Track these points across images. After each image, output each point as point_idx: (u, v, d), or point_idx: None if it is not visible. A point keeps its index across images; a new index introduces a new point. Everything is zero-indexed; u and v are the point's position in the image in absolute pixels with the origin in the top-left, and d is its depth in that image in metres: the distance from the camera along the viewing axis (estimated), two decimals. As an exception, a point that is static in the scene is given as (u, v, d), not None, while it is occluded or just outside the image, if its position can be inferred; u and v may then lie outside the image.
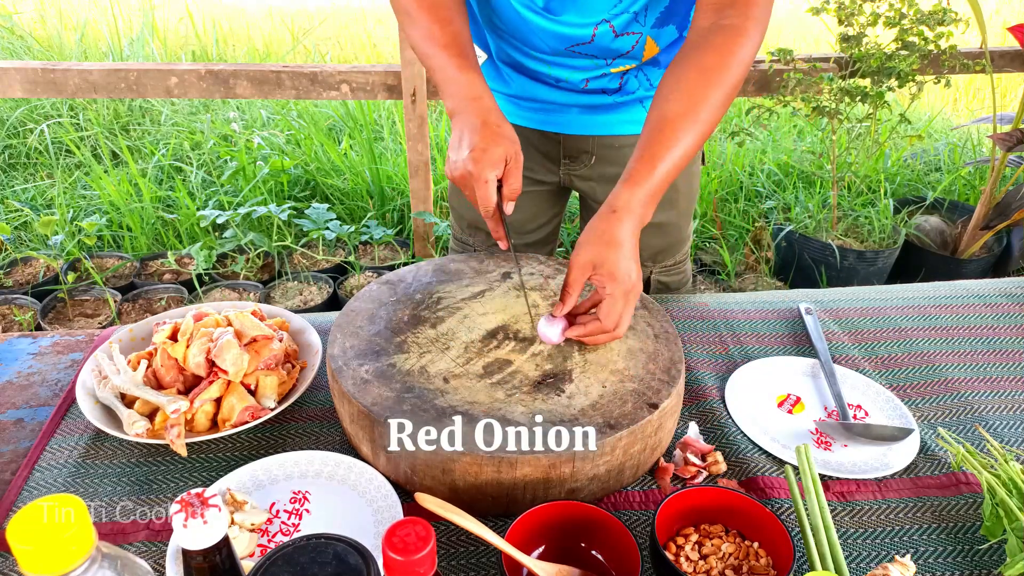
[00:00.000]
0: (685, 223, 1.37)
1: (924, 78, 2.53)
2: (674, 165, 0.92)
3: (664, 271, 1.38)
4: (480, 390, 0.86)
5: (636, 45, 1.09)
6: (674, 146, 0.91)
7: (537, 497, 0.81)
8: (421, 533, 0.48)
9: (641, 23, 1.06)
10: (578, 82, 1.17)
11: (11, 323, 2.42)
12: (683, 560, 0.76)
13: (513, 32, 1.14)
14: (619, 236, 0.90)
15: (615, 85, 1.18)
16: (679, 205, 1.32)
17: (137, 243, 2.96)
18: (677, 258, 1.39)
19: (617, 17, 1.05)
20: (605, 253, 0.89)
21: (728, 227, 3.13)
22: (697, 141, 0.93)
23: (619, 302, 0.89)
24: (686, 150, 0.92)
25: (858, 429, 0.95)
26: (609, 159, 1.26)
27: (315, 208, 2.75)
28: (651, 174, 0.91)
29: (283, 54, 4.84)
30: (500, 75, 1.24)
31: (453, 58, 0.99)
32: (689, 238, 1.41)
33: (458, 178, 0.95)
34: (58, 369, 1.07)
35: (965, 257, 2.83)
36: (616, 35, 1.07)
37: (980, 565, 0.79)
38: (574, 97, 1.20)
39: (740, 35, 0.93)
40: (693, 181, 1.33)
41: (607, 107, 1.21)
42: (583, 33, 1.07)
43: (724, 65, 0.93)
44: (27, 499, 0.84)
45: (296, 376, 0.99)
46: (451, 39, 1.00)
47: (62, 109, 3.74)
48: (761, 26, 0.94)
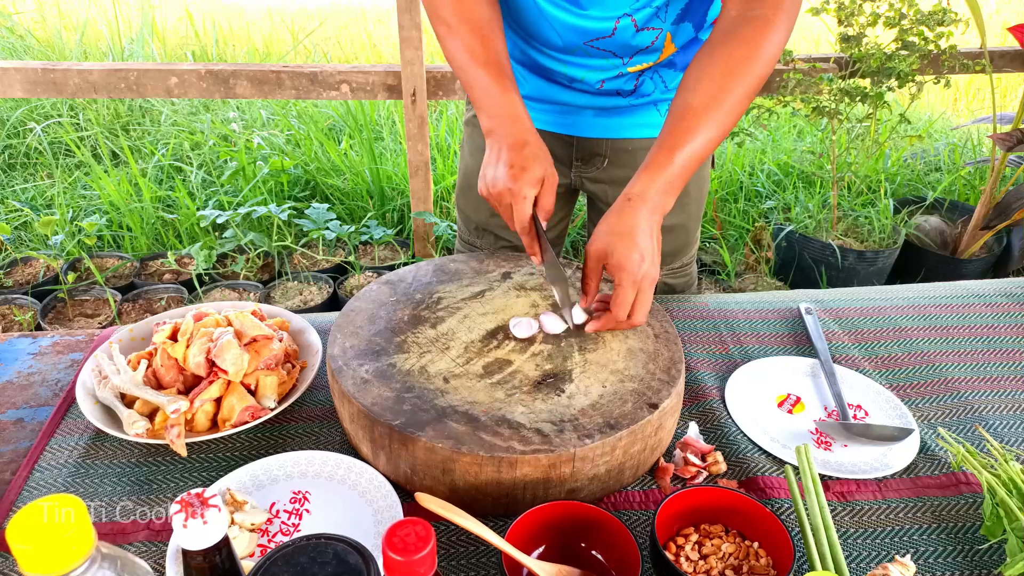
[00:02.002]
0: (694, 226, 1.36)
1: (924, 78, 2.53)
2: (695, 155, 0.92)
3: (671, 273, 1.38)
4: (480, 390, 0.86)
5: (656, 41, 1.09)
6: (695, 136, 0.91)
7: (537, 497, 0.81)
8: (421, 533, 0.48)
9: (662, 19, 1.06)
10: (594, 83, 1.16)
11: (11, 323, 2.42)
12: (683, 560, 0.76)
13: (530, 28, 1.12)
14: (631, 224, 0.90)
15: (630, 87, 1.17)
16: (689, 208, 1.31)
17: (137, 243, 2.96)
18: (684, 260, 1.39)
19: (640, 11, 1.04)
20: (615, 242, 0.90)
21: (728, 227, 3.13)
22: (720, 132, 0.93)
23: (628, 291, 0.90)
24: (707, 141, 0.92)
25: (858, 429, 0.95)
26: (622, 162, 1.26)
27: (315, 208, 2.75)
28: (670, 163, 0.91)
29: (283, 54, 4.84)
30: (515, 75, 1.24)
31: (494, 77, 0.99)
32: (697, 241, 1.41)
33: (495, 195, 0.97)
34: (58, 369, 1.07)
35: (965, 257, 2.83)
36: (637, 29, 1.06)
37: (980, 565, 0.79)
38: (588, 99, 1.20)
39: (768, 26, 0.92)
40: (703, 185, 1.33)
41: (621, 110, 1.21)
42: (604, 27, 1.06)
43: (751, 57, 0.92)
44: (27, 499, 0.84)
45: (296, 376, 0.99)
46: (492, 57, 1.01)
47: (62, 109, 3.74)
48: (790, 18, 0.93)
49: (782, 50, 0.94)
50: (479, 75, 1.00)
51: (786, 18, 0.93)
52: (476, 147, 1.32)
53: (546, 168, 0.97)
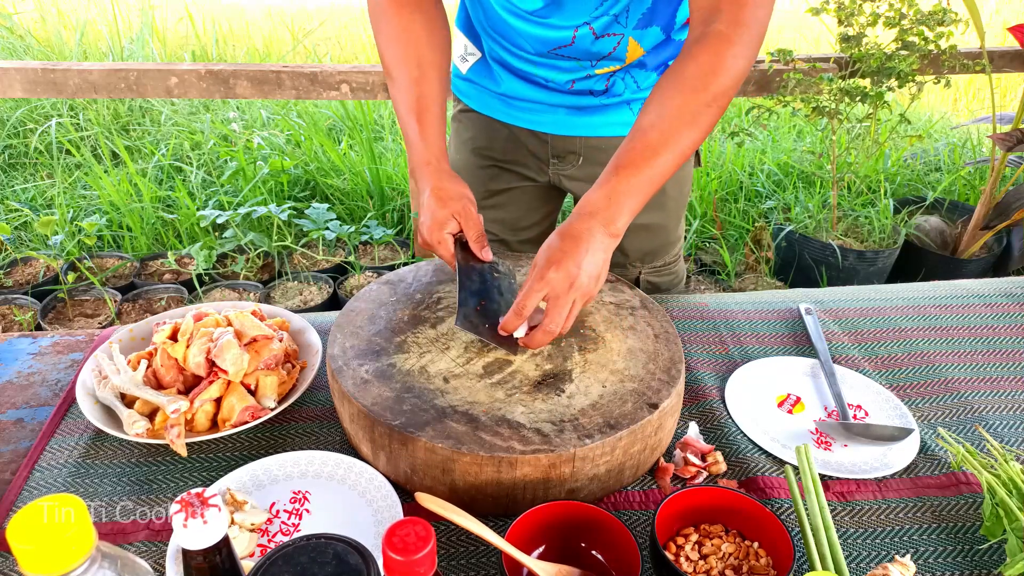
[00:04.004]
0: (674, 225, 1.36)
1: (924, 78, 2.53)
2: (649, 179, 0.89)
3: (654, 272, 1.38)
4: (480, 390, 0.86)
5: (618, 47, 1.09)
6: (648, 159, 0.88)
7: (537, 497, 0.81)
8: (421, 533, 0.48)
9: (622, 24, 1.06)
10: (564, 83, 1.17)
11: (11, 323, 2.42)
12: (683, 560, 0.76)
13: (503, 34, 1.15)
14: (573, 236, 0.87)
15: (601, 87, 1.18)
16: (667, 207, 1.31)
17: (137, 243, 2.95)
18: (667, 259, 1.39)
19: (597, 20, 1.05)
20: (554, 255, 0.87)
21: (728, 227, 3.13)
22: (677, 154, 0.90)
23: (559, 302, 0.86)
24: (664, 163, 0.89)
25: (858, 429, 0.95)
26: (597, 160, 1.26)
27: (315, 208, 2.75)
28: (621, 184, 0.89)
29: (283, 54, 4.84)
30: (492, 74, 1.24)
31: (414, 124, 1.04)
32: (680, 240, 1.41)
33: (423, 245, 1.02)
34: (58, 369, 1.07)
35: (965, 257, 2.83)
36: (596, 37, 1.07)
37: (980, 565, 0.79)
38: (561, 98, 1.21)
39: (726, 43, 0.88)
40: (684, 185, 1.33)
41: (594, 108, 1.21)
42: (564, 36, 1.08)
43: (708, 76, 0.88)
44: (27, 499, 0.84)
45: (296, 376, 0.99)
46: (416, 100, 1.04)
47: (62, 109, 3.74)
48: (752, 33, 0.89)
49: (747, 66, 0.90)
50: (408, 124, 1.05)
51: (746, 33, 0.89)
52: (461, 142, 1.34)
53: (454, 205, 0.99)
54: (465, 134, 1.33)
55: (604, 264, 0.89)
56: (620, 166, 0.89)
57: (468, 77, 1.28)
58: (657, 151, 0.88)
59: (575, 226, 0.88)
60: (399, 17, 1.05)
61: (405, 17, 1.05)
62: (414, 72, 1.05)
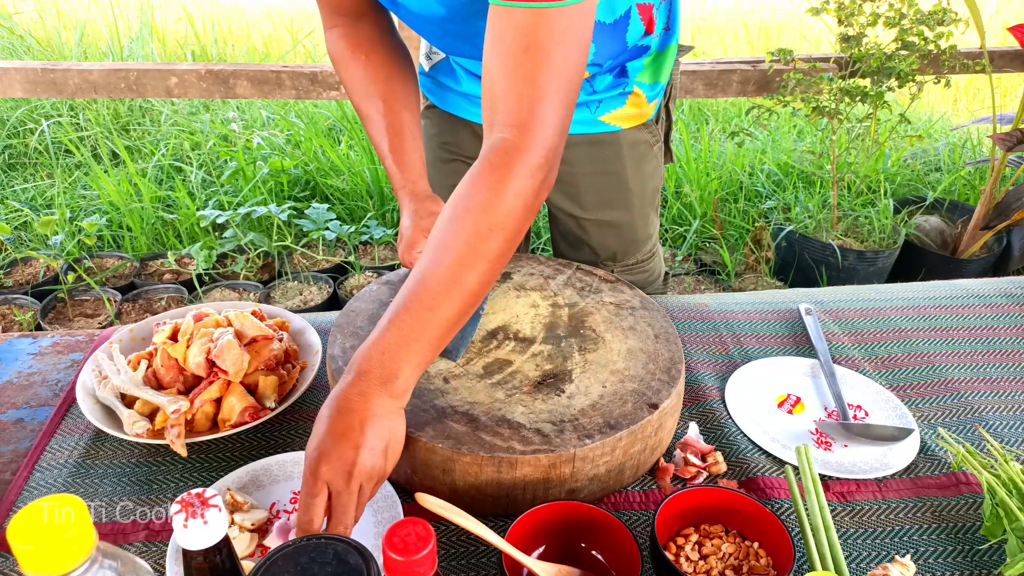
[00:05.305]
0: (642, 223, 1.35)
1: (924, 78, 2.53)
2: (431, 326, 0.76)
3: (627, 270, 1.37)
4: (480, 390, 0.86)
5: None
6: (426, 307, 0.76)
7: (537, 497, 0.81)
8: (421, 533, 0.48)
9: None
10: None
11: (11, 323, 2.42)
12: (683, 560, 0.76)
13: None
14: (344, 410, 0.73)
15: None
16: (631, 205, 1.30)
17: (137, 243, 2.95)
18: (639, 257, 1.38)
19: None
20: (323, 444, 0.72)
21: (728, 227, 3.13)
22: (464, 294, 0.77)
23: (341, 498, 0.71)
24: (448, 310, 0.76)
25: (858, 429, 0.95)
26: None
27: (315, 208, 2.75)
28: (392, 336, 0.75)
29: (283, 54, 4.84)
30: (454, 74, 1.25)
31: (387, 152, 1.09)
32: (651, 238, 1.39)
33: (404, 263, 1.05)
34: (58, 369, 1.07)
35: (965, 257, 2.83)
36: None
37: (980, 565, 0.79)
38: None
39: (514, 157, 0.76)
40: (647, 181, 1.31)
41: None
42: None
43: (490, 202, 0.76)
44: (27, 499, 0.84)
45: (296, 376, 0.99)
46: (387, 129, 1.09)
47: (62, 109, 3.74)
48: (545, 134, 0.77)
49: (544, 181, 0.79)
50: (383, 153, 1.10)
51: (538, 139, 0.77)
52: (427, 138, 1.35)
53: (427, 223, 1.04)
54: (431, 130, 1.34)
55: (392, 430, 0.74)
56: (397, 313, 0.76)
57: (432, 75, 1.29)
58: (438, 295, 0.76)
59: (346, 394, 0.74)
60: (355, 60, 1.09)
61: (362, 59, 1.09)
62: (380, 106, 1.09)
